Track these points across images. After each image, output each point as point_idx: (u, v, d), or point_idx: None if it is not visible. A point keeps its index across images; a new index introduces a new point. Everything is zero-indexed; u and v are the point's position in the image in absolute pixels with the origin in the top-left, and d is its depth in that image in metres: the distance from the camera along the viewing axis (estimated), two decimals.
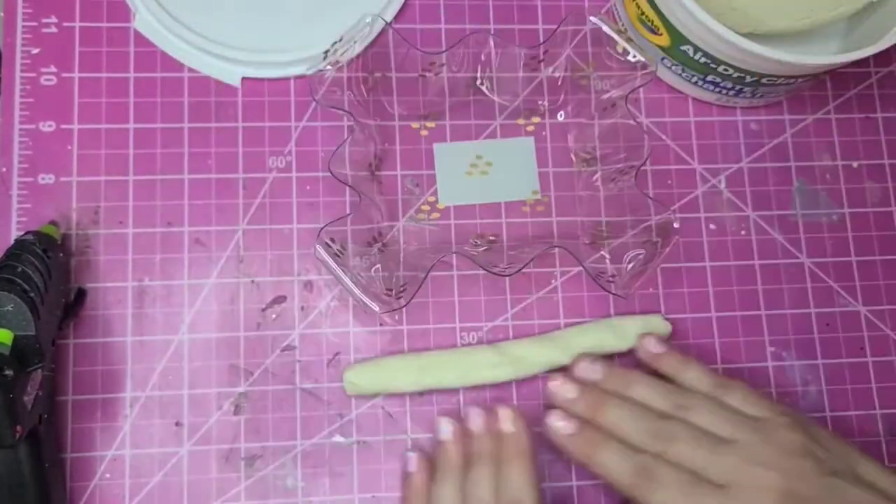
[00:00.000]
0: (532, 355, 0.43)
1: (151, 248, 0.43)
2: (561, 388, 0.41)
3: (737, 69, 0.43)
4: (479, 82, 0.46)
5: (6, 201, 0.43)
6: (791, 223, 0.47)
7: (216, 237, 0.44)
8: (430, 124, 0.46)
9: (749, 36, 0.41)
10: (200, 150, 0.44)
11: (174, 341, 0.42)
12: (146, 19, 0.45)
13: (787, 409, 0.39)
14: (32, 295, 0.37)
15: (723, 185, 0.47)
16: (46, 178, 0.43)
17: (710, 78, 0.45)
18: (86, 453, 0.41)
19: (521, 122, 0.47)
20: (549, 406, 0.41)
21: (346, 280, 0.39)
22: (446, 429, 0.40)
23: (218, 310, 0.43)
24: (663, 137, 0.48)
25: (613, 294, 0.42)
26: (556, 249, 0.45)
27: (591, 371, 0.41)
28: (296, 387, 0.43)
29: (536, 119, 0.47)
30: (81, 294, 0.42)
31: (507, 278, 0.45)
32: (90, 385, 0.42)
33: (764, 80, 0.43)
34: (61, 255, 0.41)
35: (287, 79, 0.46)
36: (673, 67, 0.46)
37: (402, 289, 0.42)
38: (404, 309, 0.44)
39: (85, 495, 0.41)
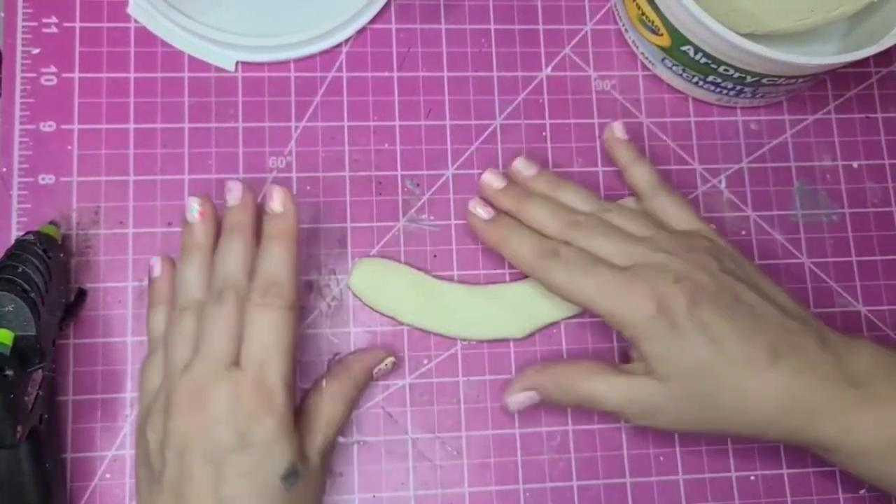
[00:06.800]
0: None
1: (152, 249, 0.43)
2: (492, 178, 0.42)
3: (737, 69, 0.43)
4: None
5: (6, 201, 0.43)
6: (791, 223, 0.47)
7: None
8: None
9: (750, 36, 0.41)
10: (200, 151, 0.44)
11: None
12: (139, 3, 0.45)
13: (710, 231, 0.41)
14: (33, 295, 0.37)
15: (723, 186, 0.47)
16: (47, 179, 0.43)
17: (710, 78, 0.45)
18: (86, 453, 0.41)
19: None
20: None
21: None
22: (194, 208, 0.37)
23: None
24: (663, 137, 0.48)
25: None
26: None
27: (525, 167, 0.43)
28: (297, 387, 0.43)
29: None
30: (82, 294, 0.42)
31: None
32: (90, 385, 0.42)
33: (764, 81, 0.43)
34: (62, 255, 0.41)
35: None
36: (673, 68, 0.46)
37: None
38: None
39: (85, 495, 0.41)
